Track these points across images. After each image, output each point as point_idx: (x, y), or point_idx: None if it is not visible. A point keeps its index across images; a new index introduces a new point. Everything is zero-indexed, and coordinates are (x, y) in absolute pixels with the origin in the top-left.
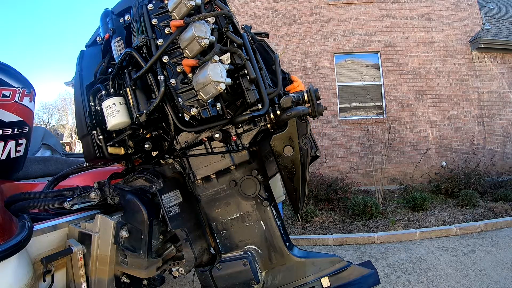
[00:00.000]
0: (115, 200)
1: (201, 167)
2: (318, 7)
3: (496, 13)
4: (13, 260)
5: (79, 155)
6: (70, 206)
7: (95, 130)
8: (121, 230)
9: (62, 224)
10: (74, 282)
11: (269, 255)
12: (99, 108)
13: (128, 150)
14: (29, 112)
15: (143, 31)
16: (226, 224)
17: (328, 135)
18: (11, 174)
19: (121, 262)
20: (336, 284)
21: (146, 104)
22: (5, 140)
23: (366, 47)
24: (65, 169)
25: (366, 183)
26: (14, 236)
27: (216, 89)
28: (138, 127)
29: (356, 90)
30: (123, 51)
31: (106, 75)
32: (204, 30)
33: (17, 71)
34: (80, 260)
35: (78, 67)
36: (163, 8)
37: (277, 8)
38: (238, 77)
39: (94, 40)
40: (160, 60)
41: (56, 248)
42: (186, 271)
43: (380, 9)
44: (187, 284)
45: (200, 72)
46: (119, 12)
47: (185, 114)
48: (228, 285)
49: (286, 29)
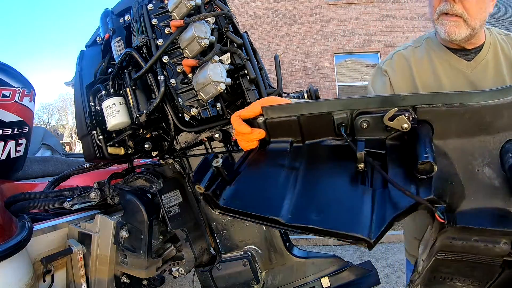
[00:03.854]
0: (115, 200)
1: None
2: (318, 7)
3: (496, 13)
4: (13, 260)
5: (79, 155)
6: (70, 206)
7: (95, 130)
8: (121, 230)
9: (62, 224)
10: (74, 282)
11: (269, 255)
12: (99, 108)
13: (128, 150)
14: (29, 112)
15: (143, 31)
16: (226, 224)
17: None
18: (11, 174)
19: (121, 262)
20: (336, 284)
21: (146, 104)
22: (5, 140)
23: (366, 47)
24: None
25: None
26: (14, 236)
27: (216, 89)
28: (138, 127)
29: (356, 90)
30: (123, 51)
31: (106, 75)
32: (204, 30)
33: (17, 71)
34: (80, 260)
35: (78, 67)
36: (163, 8)
37: (277, 8)
38: (238, 77)
39: (94, 40)
40: (160, 60)
41: (56, 248)
42: (186, 271)
43: (380, 9)
44: (187, 284)
45: (200, 72)
46: (119, 12)
47: (185, 114)
48: (228, 285)
49: (286, 29)
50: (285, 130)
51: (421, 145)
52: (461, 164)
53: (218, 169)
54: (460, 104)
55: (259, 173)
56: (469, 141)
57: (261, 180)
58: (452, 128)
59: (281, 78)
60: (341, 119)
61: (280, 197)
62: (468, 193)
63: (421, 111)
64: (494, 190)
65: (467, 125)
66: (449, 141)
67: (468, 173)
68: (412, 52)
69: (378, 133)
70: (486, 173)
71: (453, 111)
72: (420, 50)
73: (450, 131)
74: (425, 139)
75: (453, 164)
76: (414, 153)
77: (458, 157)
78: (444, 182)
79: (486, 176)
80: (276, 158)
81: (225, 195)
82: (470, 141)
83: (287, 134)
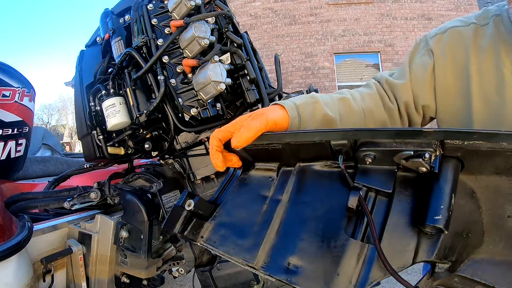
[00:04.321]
0: (115, 200)
1: (201, 167)
2: (318, 7)
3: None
4: (13, 260)
5: (79, 155)
6: (70, 206)
7: (95, 130)
8: (121, 230)
9: (62, 224)
10: (74, 282)
11: None
12: (99, 108)
13: (128, 150)
14: (29, 112)
15: (143, 31)
16: None
17: None
18: (11, 174)
19: (121, 262)
20: None
21: (146, 104)
22: (5, 140)
23: (366, 47)
24: (65, 170)
25: None
26: (14, 236)
27: (216, 89)
28: (138, 127)
29: None
30: (123, 51)
31: (106, 75)
32: (204, 30)
33: (17, 71)
34: (80, 260)
35: (78, 67)
36: (163, 8)
37: (277, 8)
38: (238, 77)
39: (94, 40)
40: (160, 60)
41: (56, 248)
42: (186, 271)
43: (380, 9)
44: (187, 284)
45: (200, 72)
46: (119, 12)
47: (185, 114)
48: (228, 285)
49: (286, 29)
50: (270, 155)
51: (436, 198)
52: (490, 206)
53: (192, 212)
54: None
55: (239, 205)
56: (509, 180)
57: (240, 215)
58: (490, 164)
59: (281, 78)
60: (339, 145)
61: (259, 238)
62: (488, 240)
63: (451, 148)
64: None
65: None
66: (482, 177)
67: (496, 218)
68: (475, 32)
69: (387, 163)
70: None
71: (497, 152)
72: (485, 31)
73: (487, 167)
74: (443, 189)
75: (479, 207)
76: (426, 202)
77: (488, 198)
78: (458, 236)
79: None
80: (258, 188)
81: (203, 232)
82: (510, 180)
83: (273, 159)
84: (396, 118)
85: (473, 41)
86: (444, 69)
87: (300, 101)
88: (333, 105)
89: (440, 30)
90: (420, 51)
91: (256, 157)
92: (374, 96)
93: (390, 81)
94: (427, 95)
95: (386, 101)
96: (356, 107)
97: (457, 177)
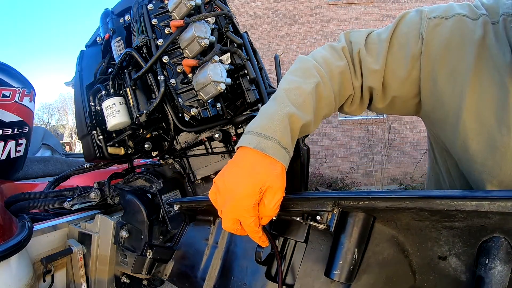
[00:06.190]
0: (115, 200)
1: (201, 167)
2: (318, 7)
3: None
4: (13, 260)
5: (79, 155)
6: (70, 206)
7: (95, 130)
8: (121, 230)
9: (62, 224)
10: (74, 282)
11: None
12: (99, 108)
13: (128, 150)
14: (29, 112)
15: (143, 31)
16: None
17: (328, 135)
18: (11, 174)
19: (121, 262)
20: None
21: (146, 104)
22: (5, 140)
23: None
24: (65, 170)
25: (366, 183)
26: (14, 236)
27: (216, 89)
28: (138, 127)
29: None
30: (123, 51)
31: (106, 75)
32: (204, 30)
33: (17, 71)
34: (80, 260)
35: (78, 67)
36: (163, 8)
37: (277, 8)
38: (238, 77)
39: (94, 40)
40: (160, 60)
41: (56, 248)
42: None
43: (380, 9)
44: None
45: (200, 72)
46: (119, 12)
47: (185, 114)
48: None
49: (286, 29)
50: (203, 211)
51: (334, 253)
52: (417, 248)
53: (154, 259)
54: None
55: (189, 248)
56: (432, 226)
57: (190, 256)
58: (405, 215)
59: (281, 78)
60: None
61: (201, 278)
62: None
63: (350, 207)
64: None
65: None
66: (401, 223)
67: (427, 259)
68: (483, 29)
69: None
70: (451, 263)
71: (402, 209)
72: (496, 30)
73: (402, 218)
74: (343, 245)
75: (403, 251)
76: (330, 256)
77: (414, 241)
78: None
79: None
80: (202, 234)
81: (166, 270)
82: (433, 225)
83: (207, 214)
84: (357, 95)
85: (480, 40)
86: (433, 69)
87: (279, 132)
88: (308, 104)
89: (445, 12)
90: (409, 29)
91: (194, 212)
92: (344, 71)
93: (362, 57)
94: (401, 88)
95: (352, 77)
96: (327, 93)
97: (365, 230)
